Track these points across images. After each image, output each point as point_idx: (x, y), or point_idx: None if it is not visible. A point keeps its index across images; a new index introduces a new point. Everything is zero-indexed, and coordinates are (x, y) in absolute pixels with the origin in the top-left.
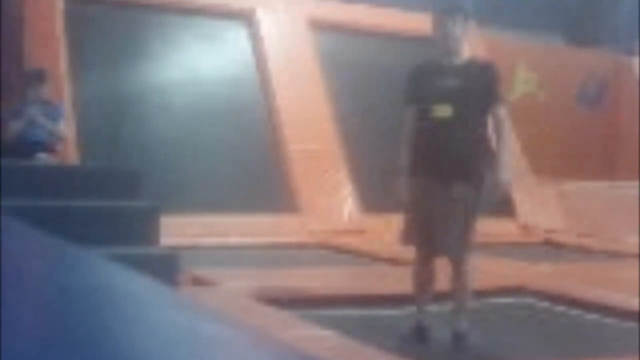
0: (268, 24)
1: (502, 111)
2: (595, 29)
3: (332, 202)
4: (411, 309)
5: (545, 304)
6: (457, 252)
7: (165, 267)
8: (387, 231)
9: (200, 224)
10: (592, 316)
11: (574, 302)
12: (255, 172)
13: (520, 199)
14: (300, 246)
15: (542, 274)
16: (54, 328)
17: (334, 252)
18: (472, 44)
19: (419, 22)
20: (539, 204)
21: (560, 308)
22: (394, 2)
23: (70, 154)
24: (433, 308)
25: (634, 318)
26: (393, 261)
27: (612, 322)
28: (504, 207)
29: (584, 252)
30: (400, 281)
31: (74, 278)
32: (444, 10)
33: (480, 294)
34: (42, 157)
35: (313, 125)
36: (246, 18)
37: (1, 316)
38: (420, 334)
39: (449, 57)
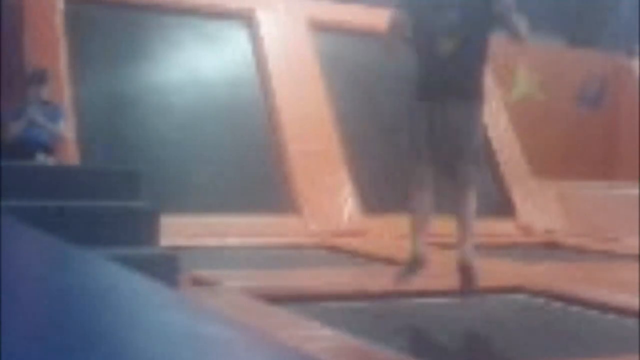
0: (268, 24)
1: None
2: (595, 30)
3: (332, 202)
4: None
5: (544, 304)
6: (465, 168)
7: (165, 268)
8: (388, 232)
9: (200, 225)
10: (591, 316)
11: (573, 302)
12: (255, 173)
13: (520, 199)
14: (300, 247)
15: (541, 274)
16: (54, 328)
17: (334, 252)
18: None
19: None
20: (539, 204)
21: (559, 308)
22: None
23: (70, 154)
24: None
25: (634, 318)
26: (393, 261)
27: (612, 322)
28: (504, 208)
29: (584, 253)
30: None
31: (74, 278)
32: None
33: (480, 293)
34: (42, 158)
35: (313, 125)
36: (246, 18)
37: (1, 316)
38: (415, 265)
39: None
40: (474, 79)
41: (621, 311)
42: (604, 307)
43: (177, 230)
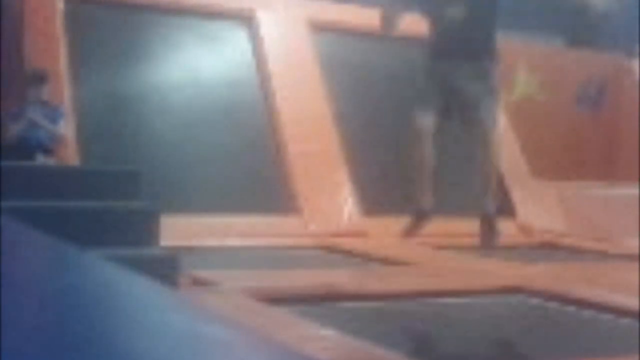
0: (268, 24)
1: None
2: (595, 31)
3: (332, 202)
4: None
5: (543, 304)
6: (487, 123)
7: (165, 268)
8: (388, 232)
9: (200, 225)
10: (590, 316)
11: (572, 303)
12: (255, 173)
13: (520, 199)
14: (300, 247)
15: (540, 274)
16: (53, 329)
17: (334, 252)
18: None
19: (419, 24)
20: (538, 205)
21: (558, 308)
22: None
23: (70, 155)
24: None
25: (633, 318)
26: (393, 262)
27: (611, 322)
28: (504, 208)
29: (583, 253)
30: (401, 281)
31: (74, 278)
32: None
33: (480, 294)
34: (42, 158)
35: (313, 126)
36: (246, 19)
37: (1, 316)
38: (421, 216)
39: None
40: (486, 39)
41: (620, 311)
42: (603, 308)
43: (177, 230)
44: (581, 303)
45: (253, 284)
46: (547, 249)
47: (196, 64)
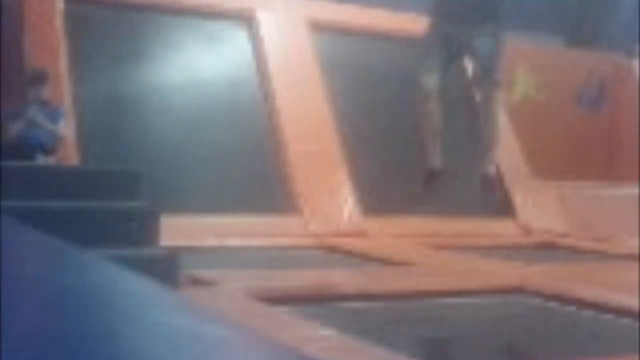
0: (268, 24)
1: None
2: (595, 31)
3: (332, 202)
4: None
5: (543, 304)
6: (488, 83)
7: (165, 268)
8: (388, 232)
9: (200, 225)
10: (590, 316)
11: (572, 303)
12: (255, 173)
13: (520, 199)
14: (300, 247)
15: (541, 274)
16: (53, 329)
17: (334, 252)
18: None
19: (420, 24)
20: (538, 205)
21: (558, 308)
22: (394, 4)
23: (70, 155)
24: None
25: (633, 318)
26: (393, 262)
27: (610, 322)
28: (504, 208)
29: (583, 253)
30: (401, 281)
31: (74, 279)
32: None
33: (480, 293)
34: (42, 158)
35: (313, 126)
36: (246, 19)
37: (1, 316)
38: (434, 177)
39: None
40: (496, 3)
41: (620, 311)
42: (603, 307)
43: (177, 230)
44: (581, 303)
45: (253, 284)
46: (547, 249)
47: (196, 64)
